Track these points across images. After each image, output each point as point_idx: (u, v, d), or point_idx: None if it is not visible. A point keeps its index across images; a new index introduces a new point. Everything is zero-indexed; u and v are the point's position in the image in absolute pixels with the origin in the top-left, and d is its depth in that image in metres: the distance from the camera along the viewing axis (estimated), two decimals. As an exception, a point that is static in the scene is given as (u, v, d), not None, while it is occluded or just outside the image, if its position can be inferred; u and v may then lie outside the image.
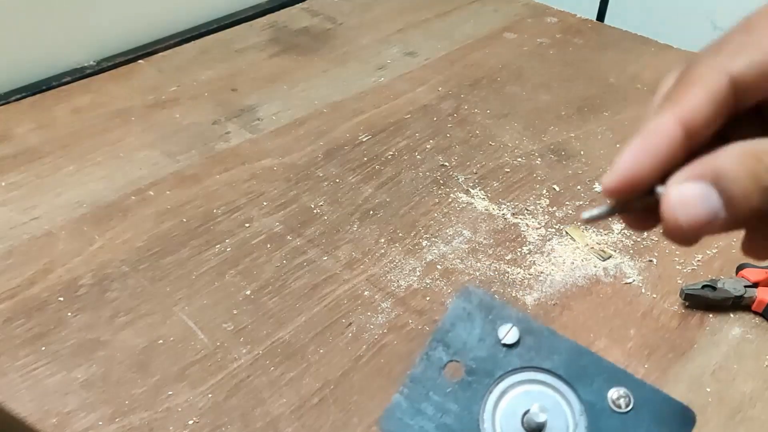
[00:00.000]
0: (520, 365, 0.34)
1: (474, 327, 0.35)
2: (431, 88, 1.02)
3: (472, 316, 0.35)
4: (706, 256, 0.76)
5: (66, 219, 0.76)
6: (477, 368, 0.34)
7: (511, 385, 0.34)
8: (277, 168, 0.85)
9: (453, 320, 0.36)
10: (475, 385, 0.34)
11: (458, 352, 0.35)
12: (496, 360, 0.34)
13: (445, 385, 0.34)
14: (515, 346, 0.35)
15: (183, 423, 0.57)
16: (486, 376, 0.34)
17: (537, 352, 0.35)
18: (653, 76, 1.07)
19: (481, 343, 0.35)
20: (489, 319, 0.35)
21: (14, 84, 0.97)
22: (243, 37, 1.13)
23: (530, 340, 0.35)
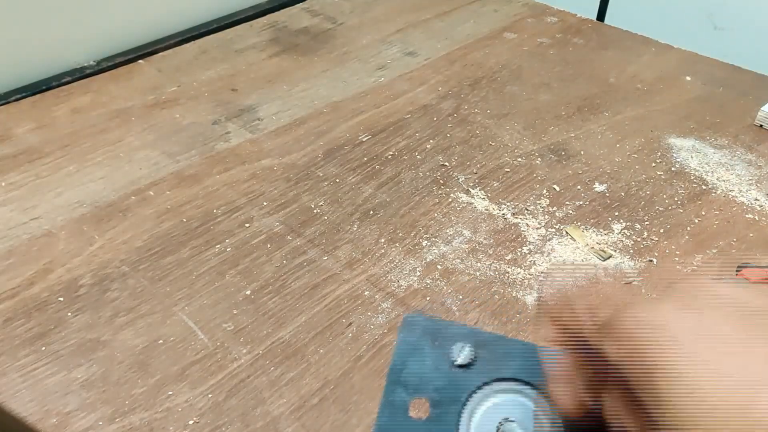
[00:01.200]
0: (481, 382, 0.34)
1: (425, 357, 0.34)
2: (431, 88, 1.02)
3: (420, 345, 0.35)
4: (706, 256, 0.76)
5: (66, 219, 0.76)
6: (441, 399, 0.33)
7: (479, 402, 0.34)
8: (277, 168, 0.85)
9: (403, 356, 0.35)
10: (444, 416, 0.33)
11: (418, 389, 0.34)
12: (457, 384, 0.33)
13: (415, 425, 0.33)
14: (471, 365, 0.34)
15: (183, 423, 0.57)
16: (452, 404, 0.33)
17: (494, 364, 0.34)
18: (653, 76, 1.07)
19: (438, 372, 0.34)
20: (437, 344, 0.34)
21: (14, 84, 0.97)
22: (243, 37, 1.13)
23: (484, 353, 0.34)
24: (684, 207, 0.82)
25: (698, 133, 0.95)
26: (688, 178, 0.87)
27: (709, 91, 1.05)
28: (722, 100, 1.03)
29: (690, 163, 0.90)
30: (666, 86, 1.05)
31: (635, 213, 0.81)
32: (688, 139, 0.94)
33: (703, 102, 1.02)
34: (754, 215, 0.82)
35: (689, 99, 1.03)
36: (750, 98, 1.02)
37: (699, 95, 1.04)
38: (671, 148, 0.92)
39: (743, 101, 1.02)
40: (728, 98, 1.03)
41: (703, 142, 0.94)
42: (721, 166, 0.89)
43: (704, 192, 0.85)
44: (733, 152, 0.92)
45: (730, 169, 0.89)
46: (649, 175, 0.87)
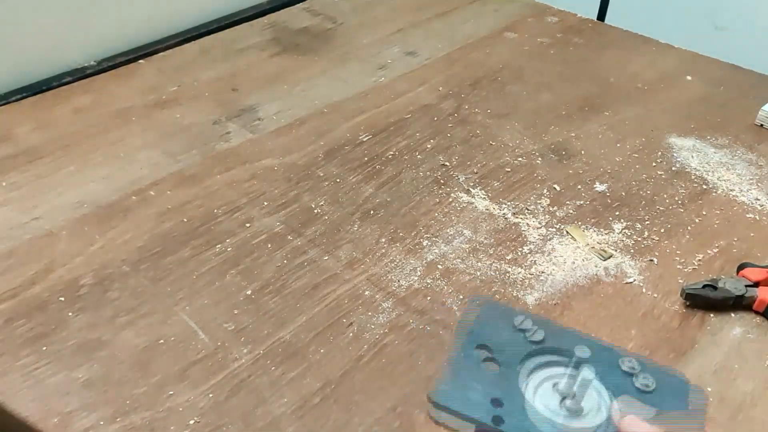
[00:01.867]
0: (540, 348, 0.40)
1: (492, 324, 0.41)
2: (432, 87, 1.02)
3: (487, 316, 0.42)
4: (707, 256, 0.76)
5: (67, 219, 0.76)
6: (505, 354, 0.40)
7: (538, 365, 0.40)
8: (278, 168, 0.85)
9: (471, 323, 0.42)
10: (509, 369, 0.39)
11: (486, 344, 0.40)
12: (518, 344, 0.40)
13: (484, 374, 0.39)
14: (531, 332, 0.41)
15: (184, 423, 0.57)
16: (515, 359, 0.40)
17: (549, 339, 0.41)
18: (654, 76, 1.07)
19: (503, 334, 0.41)
20: (501, 316, 0.42)
21: (15, 84, 0.97)
22: (243, 37, 1.13)
23: (541, 330, 0.41)
24: (685, 206, 0.82)
25: (699, 133, 0.95)
26: (688, 178, 0.87)
27: (710, 90, 1.05)
28: (723, 99, 1.03)
29: (691, 162, 0.90)
30: (666, 86, 1.05)
31: (636, 212, 0.81)
32: (689, 139, 0.94)
33: (704, 102, 1.02)
34: (754, 215, 0.82)
35: (690, 99, 1.03)
36: (750, 98, 1.02)
37: (699, 95, 1.04)
38: (672, 148, 0.92)
39: (744, 101, 1.02)
40: (729, 98, 1.03)
41: (704, 141, 0.94)
42: (721, 165, 0.89)
43: (705, 191, 0.85)
44: (733, 152, 0.92)
45: (731, 169, 0.89)
46: (649, 175, 0.87)
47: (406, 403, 0.59)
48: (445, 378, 0.38)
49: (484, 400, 0.37)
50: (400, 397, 0.60)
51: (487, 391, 0.37)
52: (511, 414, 0.36)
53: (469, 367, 0.39)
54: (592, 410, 0.38)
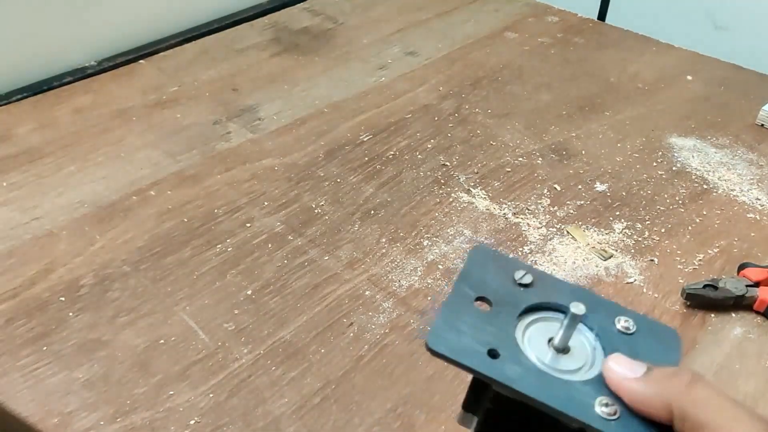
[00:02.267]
0: (537, 301, 0.40)
1: (491, 272, 0.41)
2: (432, 87, 1.02)
3: (488, 264, 0.41)
4: (708, 256, 0.76)
5: (67, 219, 0.76)
6: (502, 302, 0.39)
7: (533, 319, 0.39)
8: (278, 168, 0.85)
9: (472, 267, 0.41)
10: (503, 314, 0.39)
11: (483, 290, 0.40)
12: (516, 296, 0.40)
13: (478, 313, 0.39)
14: (530, 286, 0.40)
15: (184, 423, 0.57)
16: (512, 308, 0.39)
17: (548, 292, 0.40)
18: (654, 76, 1.07)
19: (502, 283, 0.40)
20: (502, 266, 0.41)
21: (15, 84, 0.97)
22: (244, 36, 1.13)
23: (540, 283, 0.41)
24: (685, 206, 0.82)
25: (699, 133, 0.95)
26: (689, 178, 0.87)
27: (710, 90, 1.05)
28: (723, 99, 1.02)
29: (691, 162, 0.90)
30: (667, 86, 1.05)
31: (636, 212, 0.81)
32: (689, 139, 0.94)
33: (704, 101, 1.02)
34: (755, 215, 0.82)
35: (690, 98, 1.03)
36: (751, 97, 1.02)
37: (700, 95, 1.04)
38: (672, 148, 0.92)
39: (744, 101, 1.02)
40: (729, 98, 1.03)
41: (704, 141, 0.94)
42: (722, 165, 0.89)
43: (705, 191, 0.85)
44: (734, 152, 0.92)
45: (732, 169, 0.89)
46: (650, 175, 0.87)
47: (406, 403, 0.59)
48: (439, 324, 0.38)
49: (479, 346, 0.37)
50: (400, 397, 0.60)
51: (483, 340, 0.37)
52: (505, 358, 0.37)
53: (466, 317, 0.38)
54: (577, 350, 0.38)
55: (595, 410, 0.34)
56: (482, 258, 0.41)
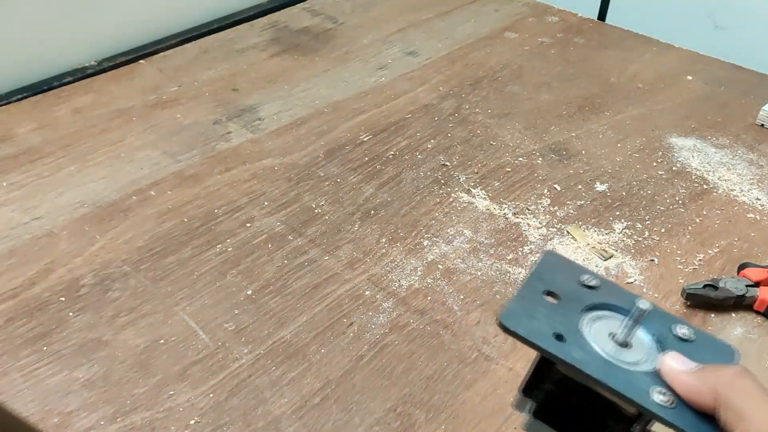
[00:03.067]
0: (600, 302, 0.44)
1: (561, 274, 0.45)
2: (432, 87, 1.02)
3: (557, 267, 0.46)
4: (708, 256, 0.76)
5: (67, 219, 0.76)
6: (568, 298, 0.44)
7: (596, 316, 0.43)
8: (278, 168, 0.85)
9: (542, 268, 0.46)
10: (569, 307, 0.43)
11: (552, 286, 0.44)
12: (581, 295, 0.44)
13: (546, 303, 0.43)
14: (595, 289, 0.44)
15: (184, 423, 0.57)
16: (577, 303, 0.43)
17: (611, 296, 0.44)
18: (654, 75, 1.07)
19: (569, 283, 0.45)
20: (570, 269, 0.46)
21: (16, 84, 0.97)
22: (244, 37, 1.13)
23: (604, 287, 0.45)
24: (685, 206, 0.82)
25: (699, 133, 0.95)
26: (689, 178, 0.87)
27: (710, 90, 1.05)
28: (723, 99, 1.02)
29: (691, 162, 0.90)
30: (667, 85, 1.05)
31: (636, 212, 0.81)
32: (690, 139, 0.94)
33: (705, 101, 1.02)
34: (755, 214, 0.82)
35: (690, 98, 1.03)
36: (751, 97, 1.02)
37: (700, 94, 1.04)
38: (672, 148, 0.92)
39: (744, 100, 1.02)
40: (729, 97, 1.03)
41: (705, 141, 0.94)
42: (722, 165, 0.89)
43: (705, 191, 0.85)
44: (734, 151, 0.92)
45: (732, 169, 0.89)
46: (650, 175, 0.87)
47: (406, 403, 0.59)
48: (513, 307, 0.42)
49: (548, 331, 0.41)
50: (400, 397, 0.60)
51: (550, 325, 0.41)
52: (571, 342, 0.41)
53: (536, 305, 0.43)
54: (637, 346, 0.41)
55: (652, 397, 0.37)
56: (552, 261, 0.46)
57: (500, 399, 0.60)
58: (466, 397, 0.60)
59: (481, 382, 0.62)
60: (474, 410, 0.59)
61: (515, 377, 0.62)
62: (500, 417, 0.59)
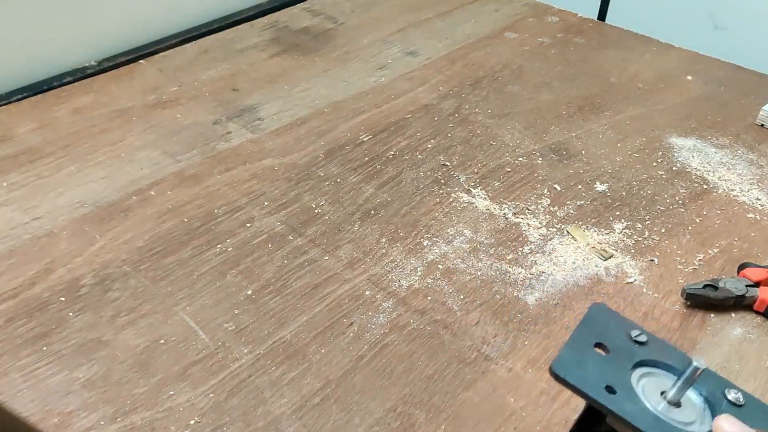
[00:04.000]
0: (650, 358, 0.45)
1: (610, 327, 0.46)
2: (432, 87, 1.02)
3: (606, 319, 0.47)
4: (708, 256, 0.76)
5: (67, 219, 0.76)
6: (618, 351, 0.44)
7: (646, 372, 0.44)
8: (278, 168, 0.85)
9: (591, 319, 0.47)
10: (619, 361, 0.44)
11: (602, 338, 0.45)
12: (631, 350, 0.45)
13: (597, 355, 0.44)
14: (644, 345, 0.45)
15: (184, 423, 0.57)
16: (627, 358, 0.45)
17: (661, 353, 0.45)
18: (654, 75, 1.07)
19: (619, 337, 0.45)
20: (620, 323, 0.47)
21: (15, 84, 0.97)
22: (244, 37, 1.13)
23: (653, 344, 0.46)
24: (685, 206, 0.82)
25: (699, 133, 0.95)
26: (689, 178, 0.87)
27: (710, 90, 1.05)
28: (723, 99, 1.02)
29: (691, 162, 0.90)
30: (667, 85, 1.05)
31: (636, 212, 0.81)
32: (690, 139, 0.94)
33: (705, 101, 1.02)
34: (755, 214, 0.82)
35: (690, 98, 1.03)
36: (751, 97, 1.02)
37: (700, 94, 1.04)
38: (672, 148, 0.92)
39: (744, 100, 1.02)
40: (729, 97, 1.03)
41: (705, 141, 0.94)
42: (722, 165, 0.89)
43: (705, 191, 0.85)
44: (734, 151, 0.92)
45: (732, 169, 0.89)
46: (650, 175, 0.87)
47: (406, 403, 0.59)
48: (564, 355, 0.43)
49: (599, 382, 0.42)
50: (400, 397, 0.60)
51: (601, 377, 0.42)
52: (621, 396, 0.41)
53: (587, 356, 0.44)
54: (688, 407, 0.42)
55: None
56: (600, 313, 0.47)
57: (500, 399, 0.60)
58: (466, 397, 0.60)
59: (480, 382, 0.62)
60: (474, 410, 0.59)
61: (515, 377, 0.62)
62: (500, 417, 0.59)
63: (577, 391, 0.41)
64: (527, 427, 0.58)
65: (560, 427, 0.58)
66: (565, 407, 0.60)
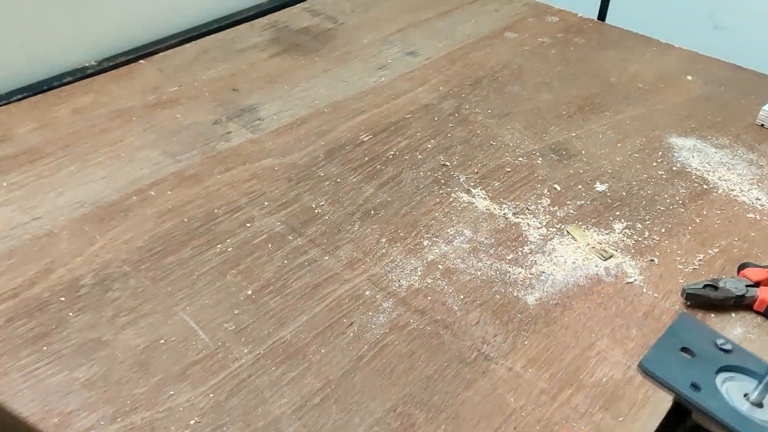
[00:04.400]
0: (735, 364, 0.47)
1: (696, 334, 0.49)
2: (432, 87, 1.02)
3: (693, 328, 0.50)
4: (708, 256, 0.76)
5: (67, 219, 0.76)
6: (703, 356, 0.47)
7: (731, 377, 0.47)
8: (278, 168, 0.85)
9: (677, 328, 0.50)
10: (704, 364, 0.47)
11: (688, 344, 0.49)
12: (717, 356, 0.48)
13: (683, 357, 0.47)
14: (730, 353, 0.48)
15: (184, 423, 0.57)
16: (712, 362, 0.47)
17: (745, 360, 0.47)
18: (654, 75, 1.07)
19: (705, 345, 0.48)
20: (706, 333, 0.50)
21: (16, 84, 0.97)
22: (244, 37, 1.13)
23: (738, 352, 0.49)
24: (685, 206, 0.82)
25: (699, 133, 0.95)
26: (689, 178, 0.87)
27: (710, 90, 1.05)
28: (723, 99, 1.02)
29: (691, 162, 0.90)
30: (667, 85, 1.05)
31: (636, 212, 0.81)
32: (690, 139, 0.94)
33: (705, 101, 1.02)
34: (755, 214, 0.82)
35: (690, 98, 1.03)
36: (751, 97, 1.02)
37: (700, 95, 1.04)
38: (672, 148, 0.92)
39: (744, 100, 1.02)
40: (729, 97, 1.03)
41: (705, 141, 0.94)
42: (722, 165, 0.89)
43: (705, 191, 0.85)
44: (734, 151, 0.92)
45: (732, 169, 0.89)
46: (650, 175, 0.87)
47: (406, 403, 0.59)
48: (652, 355, 0.46)
49: (685, 380, 0.44)
50: (400, 397, 0.60)
51: (687, 376, 0.44)
52: (706, 394, 0.43)
53: (673, 357, 0.46)
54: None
55: None
56: (687, 323, 0.50)
57: (500, 399, 0.60)
58: (465, 397, 0.60)
59: (480, 382, 0.62)
60: (474, 410, 0.59)
61: (515, 377, 0.62)
62: (500, 417, 0.59)
63: (665, 384, 0.44)
64: (527, 426, 0.58)
65: (560, 426, 0.58)
66: (565, 407, 0.60)
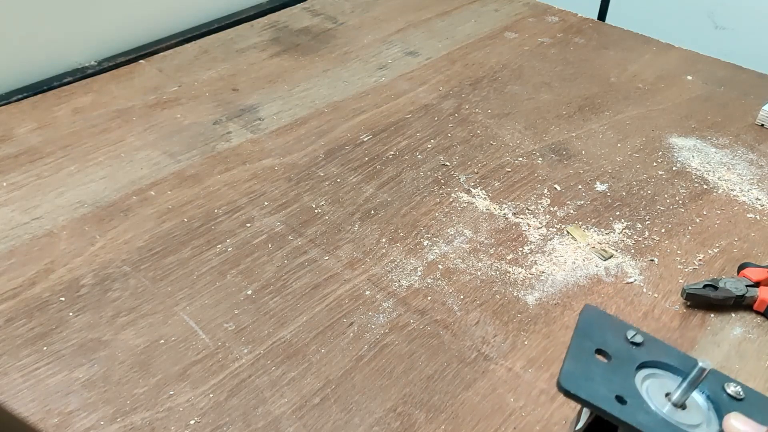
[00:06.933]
0: (649, 359, 0.45)
1: (605, 330, 0.46)
2: (432, 87, 1.02)
3: (600, 323, 0.46)
4: (708, 256, 0.76)
5: (67, 219, 0.76)
6: (619, 356, 0.44)
7: (648, 374, 0.44)
8: (278, 168, 0.85)
9: (586, 325, 0.46)
10: (623, 367, 0.44)
11: (601, 344, 0.45)
12: (631, 353, 0.45)
13: (601, 363, 0.44)
14: (641, 345, 0.45)
15: (184, 423, 0.57)
16: (629, 362, 0.44)
17: (659, 353, 0.45)
18: (654, 75, 1.07)
19: (617, 342, 0.45)
20: (614, 326, 0.46)
21: (16, 84, 0.97)
22: (244, 37, 1.13)
23: (648, 343, 0.46)
24: (685, 206, 0.82)
25: (699, 133, 0.95)
26: (689, 178, 0.87)
27: (710, 90, 1.05)
28: (723, 99, 1.02)
29: (691, 162, 0.90)
30: (667, 85, 1.05)
31: (636, 212, 0.81)
32: (690, 139, 0.94)
33: (704, 101, 1.02)
34: (755, 214, 0.82)
35: (690, 98, 1.03)
36: (751, 97, 1.02)
37: (700, 94, 1.04)
38: (672, 148, 0.92)
39: (744, 100, 1.02)
40: (729, 97, 1.03)
41: (705, 141, 0.94)
42: (722, 165, 0.89)
43: (705, 191, 0.85)
44: (734, 151, 0.92)
45: (732, 169, 0.89)
46: (650, 175, 0.87)
47: (406, 403, 0.59)
48: (570, 369, 0.43)
49: (609, 393, 0.42)
50: (400, 397, 0.60)
51: (610, 388, 0.42)
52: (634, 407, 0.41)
53: (591, 366, 0.44)
54: (693, 407, 0.42)
55: None
56: (593, 317, 0.47)
57: (500, 399, 0.60)
58: (465, 397, 0.60)
59: (480, 382, 0.62)
60: (474, 410, 0.59)
61: (514, 377, 0.62)
62: (500, 417, 0.59)
63: (590, 405, 0.41)
64: (527, 426, 0.58)
65: (560, 426, 0.58)
66: (565, 406, 0.60)
